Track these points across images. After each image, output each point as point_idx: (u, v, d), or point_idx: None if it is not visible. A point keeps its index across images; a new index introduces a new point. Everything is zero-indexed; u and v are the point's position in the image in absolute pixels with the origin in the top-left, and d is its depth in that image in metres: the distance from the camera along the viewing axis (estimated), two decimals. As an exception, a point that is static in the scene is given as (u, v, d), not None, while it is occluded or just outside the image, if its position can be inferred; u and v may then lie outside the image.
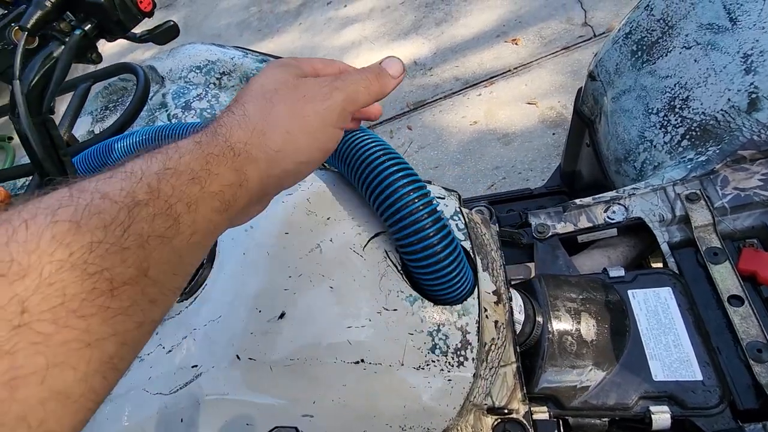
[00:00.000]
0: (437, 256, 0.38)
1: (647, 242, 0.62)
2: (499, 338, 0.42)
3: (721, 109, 0.61)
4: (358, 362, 0.35)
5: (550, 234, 0.63)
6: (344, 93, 0.28)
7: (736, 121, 0.58)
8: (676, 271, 0.54)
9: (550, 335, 0.48)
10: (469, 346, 0.38)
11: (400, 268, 0.40)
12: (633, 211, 0.59)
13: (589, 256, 0.63)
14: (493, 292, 0.43)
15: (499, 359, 0.42)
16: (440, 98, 2.11)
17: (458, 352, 0.37)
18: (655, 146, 0.70)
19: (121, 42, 0.51)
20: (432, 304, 0.38)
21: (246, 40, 3.04)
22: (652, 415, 0.45)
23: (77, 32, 0.45)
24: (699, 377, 0.46)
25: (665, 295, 0.51)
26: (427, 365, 0.36)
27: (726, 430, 0.44)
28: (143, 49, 2.94)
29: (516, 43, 2.13)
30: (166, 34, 0.51)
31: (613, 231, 0.61)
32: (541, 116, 1.83)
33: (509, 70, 2.04)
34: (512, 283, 0.56)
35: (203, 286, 0.38)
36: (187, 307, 0.37)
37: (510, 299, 0.46)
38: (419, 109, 2.12)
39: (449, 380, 0.37)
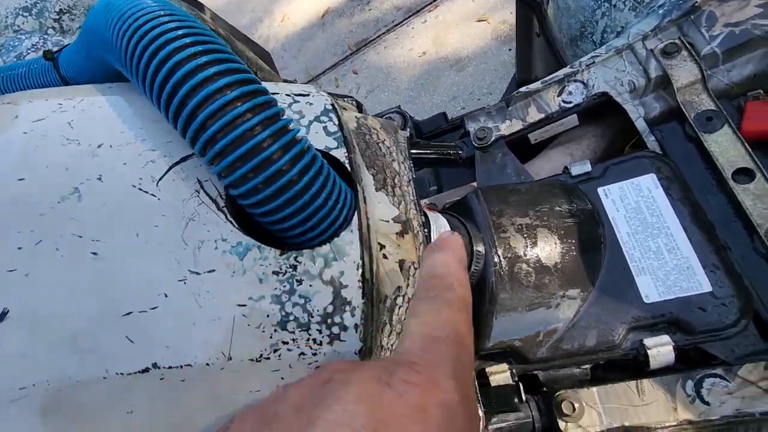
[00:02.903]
0: (273, 167, 0.23)
1: (620, 126, 0.48)
2: (409, 286, 0.28)
3: (695, -71, 0.44)
4: (146, 370, 0.21)
5: (493, 138, 0.48)
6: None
7: (717, -63, 0.42)
8: (659, 152, 0.40)
9: (497, 267, 0.34)
10: (347, 308, 0.23)
11: (222, 204, 0.24)
12: (595, 85, 0.44)
13: (546, 158, 0.48)
14: (393, 218, 0.29)
15: (412, 316, 0.27)
16: (383, 33, 1.89)
17: (329, 320, 0.23)
18: (614, 5, 0.54)
19: None
20: (277, 250, 0.23)
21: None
22: (649, 350, 0.32)
23: None
24: (707, 287, 0.32)
25: (648, 184, 0.37)
26: (276, 351, 0.22)
27: (753, 354, 0.31)
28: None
29: (456, -44, 1.90)
30: None
31: (574, 119, 0.47)
32: (494, 32, 1.64)
33: (453, -12, 1.82)
34: (446, 207, 0.42)
35: None
36: None
37: (426, 226, 0.31)
38: (362, 49, 1.90)
39: (318, 367, 0.22)
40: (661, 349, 0.32)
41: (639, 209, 0.36)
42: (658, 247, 0.35)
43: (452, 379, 0.17)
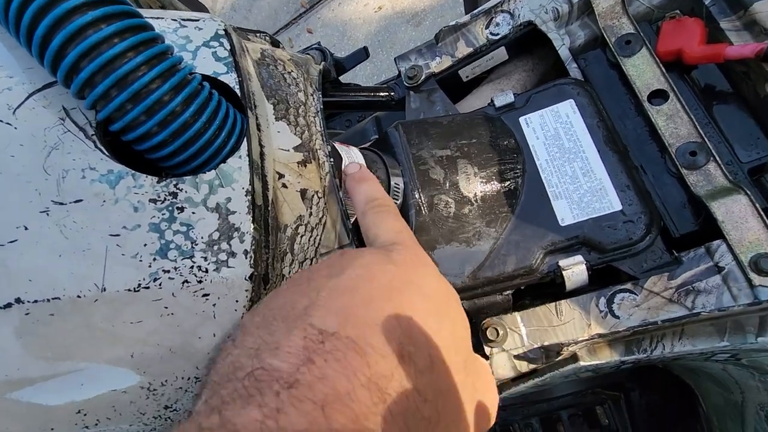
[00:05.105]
0: (137, 82, 0.21)
1: (551, 61, 0.47)
2: (312, 215, 0.27)
3: None
4: (9, 305, 0.19)
5: (424, 77, 0.47)
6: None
7: None
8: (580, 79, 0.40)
9: (416, 200, 0.34)
10: (236, 234, 0.22)
11: (91, 132, 0.22)
12: (521, 15, 0.43)
13: (477, 95, 0.48)
14: (295, 147, 0.27)
15: (316, 246, 0.27)
16: (337, -12, 1.81)
17: (215, 246, 0.22)
18: (547, -65, 0.52)
19: None
20: (154, 178, 0.22)
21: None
22: (564, 271, 0.33)
23: None
24: (617, 206, 0.33)
25: (566, 110, 0.37)
26: (156, 280, 0.21)
27: (659, 267, 0.32)
28: None
29: None
30: None
31: (503, 53, 0.46)
32: (450, -17, 1.59)
33: (407, -63, 1.74)
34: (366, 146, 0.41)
35: None
36: None
37: (332, 156, 0.30)
38: (316, 6, 1.82)
39: (205, 295, 0.22)
40: (575, 269, 0.33)
41: (557, 135, 0.36)
42: (574, 171, 0.35)
43: (422, 250, 0.25)
